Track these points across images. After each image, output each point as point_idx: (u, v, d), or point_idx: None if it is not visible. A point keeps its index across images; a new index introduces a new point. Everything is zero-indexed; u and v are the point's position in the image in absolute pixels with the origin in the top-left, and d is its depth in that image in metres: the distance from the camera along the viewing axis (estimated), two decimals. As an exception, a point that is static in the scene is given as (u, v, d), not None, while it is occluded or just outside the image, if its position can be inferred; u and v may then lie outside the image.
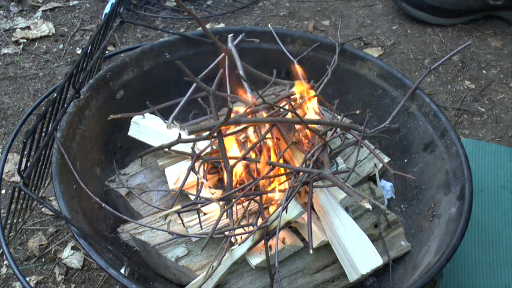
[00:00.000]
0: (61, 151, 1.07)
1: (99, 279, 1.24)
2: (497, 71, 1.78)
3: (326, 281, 1.10)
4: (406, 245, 1.18)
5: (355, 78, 1.36)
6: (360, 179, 1.24)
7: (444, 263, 1.00)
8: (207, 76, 1.25)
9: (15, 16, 1.87)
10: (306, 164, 1.09)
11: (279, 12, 1.96)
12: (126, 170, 1.23)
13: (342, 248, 1.05)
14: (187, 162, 1.17)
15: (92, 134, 1.21)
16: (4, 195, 1.37)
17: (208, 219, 1.08)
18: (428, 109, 1.24)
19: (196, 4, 1.97)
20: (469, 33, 1.91)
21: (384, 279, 1.16)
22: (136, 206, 1.16)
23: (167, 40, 1.34)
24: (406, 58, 1.81)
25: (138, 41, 1.81)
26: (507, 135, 1.60)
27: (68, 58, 1.74)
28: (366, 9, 2.00)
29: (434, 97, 1.68)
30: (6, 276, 1.23)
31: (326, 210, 1.08)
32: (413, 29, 1.91)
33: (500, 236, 1.28)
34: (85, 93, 1.19)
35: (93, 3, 1.94)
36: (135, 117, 1.23)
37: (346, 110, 1.38)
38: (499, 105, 1.68)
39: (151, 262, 1.13)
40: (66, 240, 1.30)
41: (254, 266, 1.04)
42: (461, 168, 1.14)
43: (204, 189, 1.14)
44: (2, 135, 1.52)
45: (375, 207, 1.19)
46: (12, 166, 1.43)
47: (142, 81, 1.31)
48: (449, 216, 1.10)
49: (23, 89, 1.64)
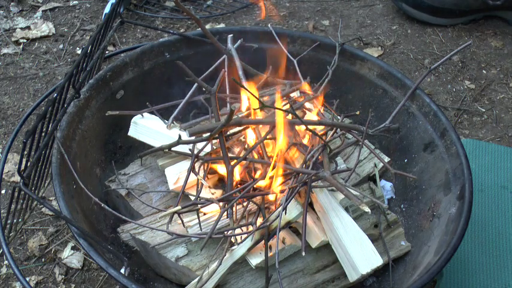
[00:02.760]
0: (61, 151, 1.07)
1: (99, 279, 1.24)
2: (497, 71, 1.78)
3: (326, 281, 1.10)
4: (406, 245, 1.18)
5: (355, 78, 1.36)
6: (360, 179, 1.24)
7: (444, 263, 1.00)
8: (206, 76, 1.25)
9: (15, 16, 1.87)
10: (305, 165, 1.09)
11: (279, 12, 1.96)
12: (126, 170, 1.23)
13: (342, 248, 1.05)
14: (188, 162, 1.17)
15: (92, 134, 1.21)
16: (4, 195, 1.37)
17: (208, 219, 1.08)
18: (428, 109, 1.24)
19: (196, 4, 1.97)
20: (469, 33, 1.91)
21: (383, 279, 1.16)
22: (136, 206, 1.16)
23: (167, 40, 1.34)
24: (406, 58, 1.81)
25: (138, 41, 1.81)
26: (507, 135, 1.60)
27: (68, 58, 1.74)
28: (366, 9, 2.00)
29: (434, 97, 1.68)
30: (6, 276, 1.23)
31: (326, 210, 1.08)
32: (413, 29, 1.91)
33: (500, 236, 1.28)
34: (85, 93, 1.19)
35: (93, 3, 1.94)
36: (135, 117, 1.23)
37: (346, 110, 1.38)
38: (499, 105, 1.68)
39: (151, 262, 1.13)
40: (66, 240, 1.30)
41: (254, 266, 1.04)
42: (461, 168, 1.14)
43: (204, 189, 1.14)
44: (2, 135, 1.51)
45: (375, 207, 1.19)
46: (12, 166, 1.43)
47: (142, 81, 1.32)
48: (449, 216, 1.10)
49: (23, 89, 1.64)
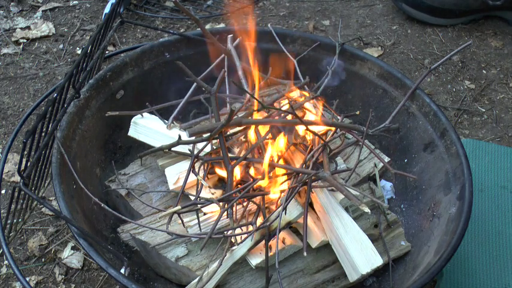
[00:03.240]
0: (61, 151, 1.07)
1: (99, 279, 1.24)
2: (497, 71, 1.78)
3: (326, 281, 1.10)
4: (406, 245, 1.18)
5: (355, 78, 1.36)
6: (360, 179, 1.24)
7: (444, 263, 1.00)
8: (206, 76, 1.25)
9: (15, 16, 1.87)
10: (305, 165, 1.09)
11: (279, 12, 1.96)
12: (126, 170, 1.23)
13: (342, 248, 1.05)
14: (188, 162, 1.17)
15: (92, 134, 1.21)
16: (4, 195, 1.37)
17: (208, 219, 1.08)
18: (428, 109, 1.24)
19: (196, 4, 1.97)
20: (469, 33, 1.91)
21: (383, 279, 1.16)
22: (136, 206, 1.16)
23: (167, 40, 1.34)
24: (406, 58, 1.81)
25: (138, 41, 1.81)
26: (507, 135, 1.60)
27: (68, 58, 1.74)
28: (366, 9, 2.00)
29: (434, 97, 1.68)
30: (6, 276, 1.23)
31: (326, 210, 1.08)
32: (413, 29, 1.91)
33: (500, 236, 1.28)
34: (85, 93, 1.19)
35: (93, 3, 1.94)
36: (135, 117, 1.23)
37: (346, 110, 1.38)
38: (499, 105, 1.68)
39: (151, 262, 1.13)
40: (66, 240, 1.30)
41: (254, 266, 1.04)
42: (461, 168, 1.14)
43: (204, 189, 1.14)
44: (2, 135, 1.51)
45: (375, 207, 1.19)
46: (12, 166, 1.43)
47: (142, 81, 1.31)
48: (449, 216, 1.10)
49: (23, 89, 1.64)
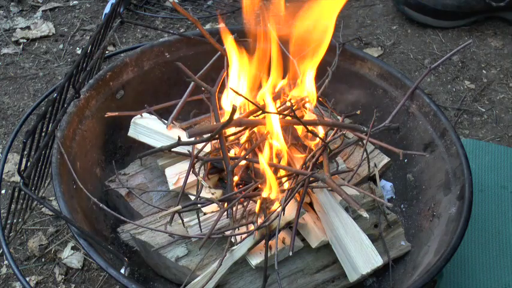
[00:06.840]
0: (61, 151, 1.07)
1: (99, 279, 1.24)
2: (497, 71, 1.78)
3: (326, 281, 1.10)
4: (406, 245, 1.18)
5: (355, 78, 1.36)
6: (360, 179, 1.24)
7: (444, 263, 1.00)
8: (206, 76, 1.25)
9: (15, 16, 1.87)
10: (305, 166, 1.09)
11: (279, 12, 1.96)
12: (126, 170, 1.22)
13: (342, 248, 1.05)
14: (188, 162, 1.16)
15: (92, 134, 1.21)
16: (4, 195, 1.37)
17: (208, 219, 1.08)
18: (428, 109, 1.24)
19: (196, 4, 1.97)
20: (469, 33, 1.91)
21: (383, 279, 1.16)
22: (136, 206, 1.16)
23: (167, 40, 1.34)
24: (406, 58, 1.81)
25: (138, 41, 1.81)
26: (507, 135, 1.60)
27: (68, 58, 1.74)
28: (366, 9, 2.00)
29: (434, 97, 1.68)
30: (6, 276, 1.23)
31: (326, 210, 1.08)
32: (413, 29, 1.91)
33: (500, 236, 1.28)
34: (85, 93, 1.19)
35: (93, 3, 1.94)
36: (134, 118, 1.23)
37: (346, 110, 1.37)
38: (499, 105, 1.68)
39: (151, 262, 1.13)
40: (66, 240, 1.30)
41: (254, 266, 1.04)
42: (461, 168, 1.14)
43: (204, 189, 1.14)
44: (2, 135, 1.51)
45: (375, 207, 1.19)
46: (12, 166, 1.43)
47: (142, 81, 1.31)
48: (449, 216, 1.10)
49: (23, 89, 1.64)
